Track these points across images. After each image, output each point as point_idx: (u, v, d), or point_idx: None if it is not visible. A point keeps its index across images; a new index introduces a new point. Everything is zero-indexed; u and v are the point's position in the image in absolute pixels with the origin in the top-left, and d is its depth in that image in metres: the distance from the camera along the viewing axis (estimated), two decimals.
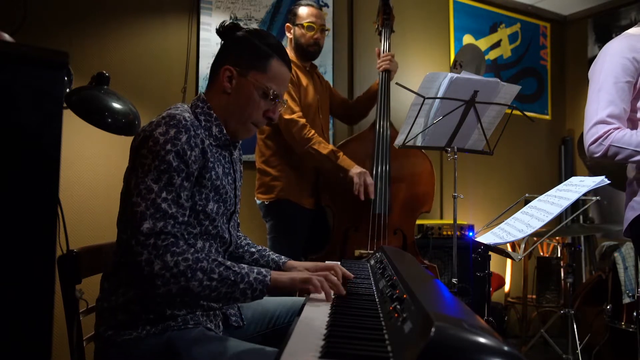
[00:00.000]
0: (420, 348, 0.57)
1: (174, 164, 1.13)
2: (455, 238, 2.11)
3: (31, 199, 0.74)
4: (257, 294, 1.14)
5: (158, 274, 1.06)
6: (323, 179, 2.47)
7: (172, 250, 1.08)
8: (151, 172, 1.12)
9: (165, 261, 1.07)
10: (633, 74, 1.65)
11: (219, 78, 1.28)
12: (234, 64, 1.27)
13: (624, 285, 2.59)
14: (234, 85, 1.27)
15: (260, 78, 1.27)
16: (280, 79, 1.30)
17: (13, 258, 0.73)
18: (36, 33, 2.39)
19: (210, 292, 1.10)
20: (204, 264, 1.10)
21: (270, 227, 2.43)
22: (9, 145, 0.73)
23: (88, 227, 2.46)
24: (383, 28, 2.63)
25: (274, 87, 1.29)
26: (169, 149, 1.13)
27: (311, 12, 2.45)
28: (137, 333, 1.16)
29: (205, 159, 1.20)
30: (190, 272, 1.08)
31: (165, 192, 1.12)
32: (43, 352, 0.74)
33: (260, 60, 1.28)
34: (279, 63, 1.30)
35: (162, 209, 1.10)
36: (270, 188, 2.39)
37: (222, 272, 1.11)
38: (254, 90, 1.27)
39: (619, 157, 1.63)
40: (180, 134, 1.14)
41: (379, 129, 2.48)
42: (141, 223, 1.08)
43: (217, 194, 1.25)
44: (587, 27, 4.17)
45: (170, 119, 1.16)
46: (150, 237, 1.07)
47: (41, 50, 0.75)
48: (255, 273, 1.15)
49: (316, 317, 0.94)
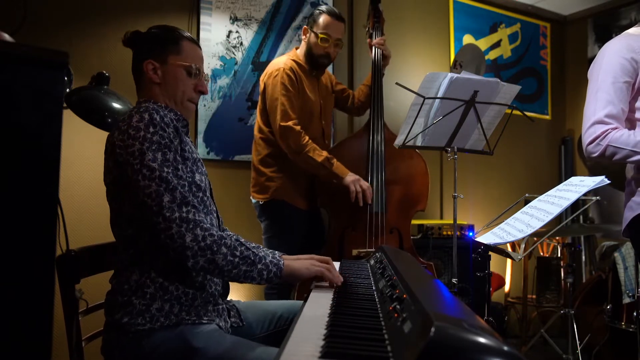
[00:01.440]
0: (420, 348, 0.57)
1: (162, 141, 1.21)
2: (455, 238, 2.11)
3: (31, 199, 0.74)
4: (271, 276, 1.23)
5: (189, 246, 1.15)
6: (319, 179, 2.47)
7: (201, 225, 1.17)
8: (145, 154, 1.18)
9: (196, 234, 1.16)
10: (631, 74, 1.65)
11: (145, 75, 1.37)
12: (152, 57, 1.36)
13: (624, 285, 2.59)
14: (160, 74, 1.37)
15: (179, 59, 1.37)
16: (195, 56, 1.41)
17: (13, 258, 0.73)
18: (36, 33, 2.39)
19: (232, 268, 1.19)
20: (227, 241, 1.20)
21: (265, 227, 2.44)
22: (9, 145, 0.73)
23: (88, 227, 2.46)
24: (374, 31, 2.64)
25: (192, 64, 1.39)
26: (152, 130, 1.21)
27: (329, 23, 2.38)
28: (151, 325, 1.19)
29: (179, 134, 1.29)
30: (216, 247, 1.17)
31: (165, 167, 1.19)
32: (43, 352, 0.74)
33: (172, 45, 1.38)
34: (189, 43, 1.40)
35: (171, 181, 1.18)
36: (265, 188, 2.39)
37: (244, 251, 1.21)
38: (178, 71, 1.37)
39: (617, 157, 1.63)
40: (153, 115, 1.23)
41: (372, 134, 2.49)
42: (161, 200, 1.16)
43: (198, 167, 1.34)
44: (587, 27, 4.17)
45: (138, 108, 1.27)
46: (174, 210, 1.16)
47: (41, 50, 0.76)
48: (271, 257, 1.26)
49: (316, 317, 0.94)
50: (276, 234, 2.40)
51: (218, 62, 2.87)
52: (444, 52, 3.75)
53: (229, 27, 2.91)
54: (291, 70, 2.35)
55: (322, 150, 2.33)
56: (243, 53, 2.94)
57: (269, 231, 2.42)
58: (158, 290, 1.22)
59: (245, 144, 2.86)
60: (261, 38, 2.99)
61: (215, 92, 2.86)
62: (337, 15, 2.42)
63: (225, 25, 2.90)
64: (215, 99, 2.86)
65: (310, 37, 2.43)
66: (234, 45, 2.92)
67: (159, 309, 1.20)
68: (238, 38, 2.93)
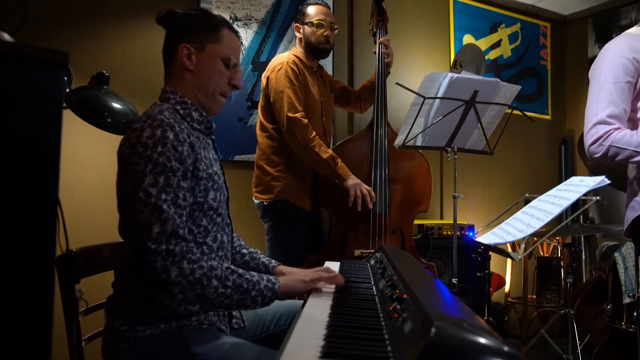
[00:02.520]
0: (420, 348, 0.57)
1: (168, 164, 1.13)
2: (455, 238, 2.11)
3: (31, 199, 0.74)
4: (266, 301, 1.18)
5: (175, 281, 1.06)
6: (322, 179, 2.46)
7: (189, 258, 1.08)
8: (147, 177, 1.11)
9: (182, 268, 1.07)
10: (633, 74, 1.64)
11: (178, 59, 1.29)
12: (189, 41, 1.28)
13: (624, 285, 2.59)
14: (195, 61, 1.29)
15: (217, 48, 1.29)
16: (234, 46, 1.33)
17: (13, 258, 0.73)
18: (36, 33, 2.39)
19: (224, 299, 1.12)
20: (218, 272, 1.12)
21: (269, 227, 2.42)
22: (9, 145, 0.73)
23: (88, 227, 2.46)
24: (377, 30, 2.64)
25: (231, 55, 1.31)
26: (160, 150, 1.13)
27: (320, 10, 2.44)
28: (151, 331, 1.17)
29: (195, 151, 1.21)
30: (206, 280, 1.09)
31: (164, 193, 1.11)
32: (43, 352, 0.74)
33: (212, 32, 1.30)
34: (229, 32, 1.33)
35: (165, 210, 1.09)
36: (270, 188, 2.37)
37: (236, 279, 1.14)
38: (215, 61, 1.29)
39: (619, 157, 1.62)
40: (166, 132, 1.15)
41: (376, 129, 2.49)
42: (149, 230, 1.07)
43: (214, 182, 1.27)
44: (587, 27, 4.17)
45: (153, 121, 1.16)
46: (161, 243, 1.07)
47: (41, 50, 0.75)
48: (265, 281, 1.18)
49: (316, 317, 0.94)
50: (280, 234, 2.38)
51: None
52: (444, 52, 3.75)
53: None
54: (294, 64, 2.36)
55: (328, 148, 2.34)
56: (243, 53, 2.94)
57: (273, 232, 2.41)
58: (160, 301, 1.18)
59: (245, 144, 2.85)
60: (261, 38, 2.99)
61: None
62: (323, 3, 2.48)
63: None
64: None
65: (304, 30, 2.44)
66: None
67: (160, 317, 1.18)
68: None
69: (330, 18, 2.46)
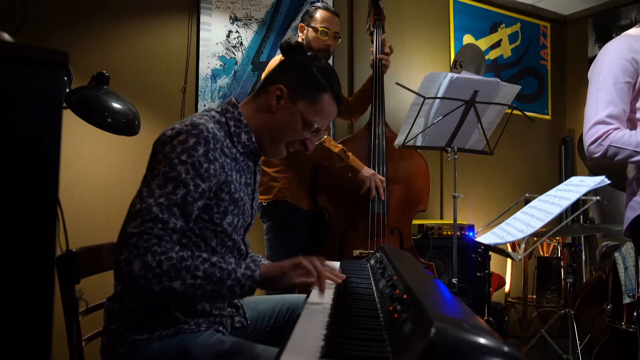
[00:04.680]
0: (420, 348, 0.57)
1: (182, 175, 1.09)
2: (455, 238, 2.11)
3: (31, 199, 0.74)
4: (246, 290, 1.08)
5: (138, 274, 1.00)
6: (320, 179, 2.46)
7: (154, 250, 1.01)
8: (158, 177, 1.09)
9: (146, 261, 1.00)
10: (632, 74, 1.65)
11: (268, 94, 1.27)
12: (287, 85, 1.25)
13: (624, 285, 2.59)
14: (280, 106, 1.26)
15: (308, 108, 1.26)
16: (327, 114, 1.30)
17: (13, 258, 0.73)
18: (36, 33, 2.39)
19: (195, 291, 1.04)
20: (188, 262, 1.04)
21: (268, 227, 2.43)
22: (9, 145, 0.73)
23: (88, 227, 2.46)
24: (375, 29, 2.63)
25: (317, 120, 1.28)
26: (183, 159, 1.09)
27: (327, 17, 2.42)
28: (148, 335, 1.17)
29: (224, 172, 1.17)
30: (174, 272, 1.02)
31: (164, 198, 1.07)
32: (43, 352, 0.74)
33: (313, 91, 1.26)
34: (330, 99, 1.29)
35: (153, 213, 1.05)
36: (269, 188, 2.38)
37: (207, 268, 1.05)
38: (298, 118, 1.26)
39: (619, 157, 1.63)
40: (198, 146, 1.11)
41: (374, 130, 2.49)
42: (129, 223, 1.04)
43: (236, 207, 1.23)
44: (587, 27, 4.17)
45: (193, 128, 1.13)
46: (132, 236, 1.02)
47: (41, 50, 0.75)
48: (244, 268, 1.09)
49: (316, 317, 0.94)
50: (279, 234, 2.39)
51: (218, 62, 2.87)
52: (444, 52, 3.75)
53: (229, 27, 2.91)
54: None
55: (337, 143, 2.36)
56: (243, 53, 2.94)
57: (272, 232, 2.42)
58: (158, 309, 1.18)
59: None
60: (261, 38, 2.99)
61: (215, 92, 2.86)
62: (333, 10, 2.46)
63: (225, 25, 2.90)
64: (215, 98, 2.86)
65: (308, 33, 2.43)
66: (234, 45, 2.92)
67: (158, 322, 1.18)
68: (238, 38, 2.93)
69: (336, 27, 2.44)
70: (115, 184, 2.53)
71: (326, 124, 1.32)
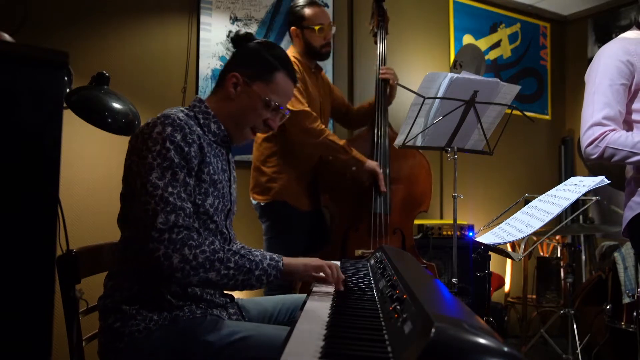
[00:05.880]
0: (420, 348, 0.57)
1: (175, 160, 1.17)
2: (455, 238, 2.10)
3: (31, 198, 0.74)
4: (271, 279, 1.21)
5: (177, 267, 1.11)
6: (322, 179, 2.46)
7: (189, 244, 1.13)
8: (154, 171, 1.15)
9: (184, 254, 1.11)
10: (628, 76, 1.67)
11: (225, 83, 1.34)
12: (241, 72, 1.32)
13: (623, 285, 2.59)
14: (238, 92, 1.33)
15: (264, 89, 1.33)
16: (283, 91, 1.36)
17: (13, 258, 0.73)
18: (36, 33, 2.39)
19: (229, 281, 1.16)
20: (220, 255, 1.16)
21: (266, 228, 2.43)
22: (9, 145, 0.73)
23: (88, 227, 2.46)
24: (378, 30, 2.63)
25: (275, 99, 1.34)
26: (168, 146, 1.17)
27: (318, 12, 2.42)
28: (145, 324, 1.18)
29: (202, 154, 1.24)
30: (209, 264, 1.13)
31: (171, 187, 1.15)
32: (43, 352, 0.74)
33: (266, 71, 1.33)
34: (284, 77, 1.35)
35: (171, 202, 1.14)
36: (266, 189, 2.38)
37: (238, 260, 1.17)
38: (256, 99, 1.33)
39: (615, 158, 1.64)
40: (175, 132, 1.19)
41: (377, 129, 2.49)
42: (154, 219, 1.12)
43: (216, 189, 1.29)
44: (587, 27, 4.17)
45: (165, 119, 1.21)
46: (164, 232, 1.11)
47: (41, 50, 0.75)
48: (269, 259, 1.22)
49: (316, 317, 0.94)
50: (277, 235, 2.39)
51: (218, 62, 2.87)
52: (444, 52, 3.75)
53: (229, 27, 2.91)
54: (294, 65, 2.36)
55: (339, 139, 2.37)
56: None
57: (270, 232, 2.41)
58: (150, 297, 1.20)
59: (245, 144, 2.84)
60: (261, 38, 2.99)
61: None
62: (317, 2, 2.47)
63: (225, 25, 2.90)
64: None
65: (304, 34, 2.43)
66: None
67: (151, 310, 1.19)
68: None
69: (328, 19, 2.47)
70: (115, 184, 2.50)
71: (285, 102, 1.38)
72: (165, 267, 1.11)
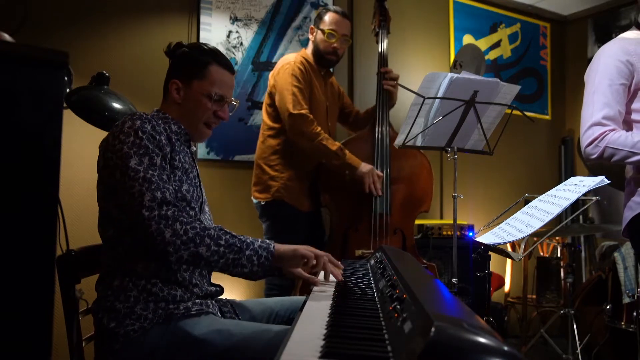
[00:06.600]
0: (420, 348, 0.57)
1: (150, 146, 1.23)
2: (455, 238, 2.10)
3: (31, 198, 0.74)
4: (262, 261, 1.22)
5: (169, 241, 1.15)
6: (323, 179, 2.46)
7: (181, 220, 1.17)
8: (132, 158, 1.20)
9: (175, 229, 1.16)
10: (627, 76, 1.67)
11: (169, 92, 1.41)
12: (178, 77, 1.40)
13: (623, 285, 2.59)
14: (182, 96, 1.40)
15: (202, 84, 1.39)
16: (221, 81, 1.41)
17: (13, 258, 0.73)
18: (36, 33, 2.39)
19: (219, 258, 1.19)
20: (210, 232, 1.19)
21: (267, 227, 2.43)
22: (9, 145, 0.73)
23: (88, 227, 2.45)
24: (380, 29, 2.63)
25: (216, 90, 1.40)
26: (140, 135, 1.23)
27: (336, 19, 2.42)
28: (140, 323, 1.18)
29: (171, 143, 1.31)
30: (199, 239, 1.17)
31: (151, 170, 1.21)
32: (43, 352, 0.74)
33: (199, 69, 1.40)
34: (217, 68, 1.41)
35: (154, 182, 1.19)
36: (267, 187, 2.38)
37: (229, 239, 1.21)
38: (199, 97, 1.39)
39: (615, 158, 1.64)
40: (145, 124, 1.26)
41: (378, 129, 2.49)
42: (142, 199, 1.16)
43: (189, 178, 1.34)
44: (587, 27, 4.17)
45: (133, 115, 1.28)
46: (154, 209, 1.16)
47: (41, 50, 0.76)
48: (260, 242, 1.25)
49: (316, 316, 0.94)
50: (277, 234, 2.39)
51: None
52: (444, 52, 3.75)
53: (229, 27, 2.91)
54: (302, 65, 2.38)
55: (335, 141, 2.36)
56: (243, 53, 2.94)
57: (270, 232, 2.42)
58: (141, 292, 1.21)
59: (246, 144, 2.85)
60: (261, 38, 2.99)
61: None
62: (343, 13, 2.46)
63: (225, 25, 2.90)
64: None
65: (317, 35, 2.44)
66: (234, 45, 2.92)
67: (144, 308, 1.20)
68: (238, 38, 2.93)
69: (344, 30, 2.45)
70: None
71: (227, 91, 1.43)
72: (159, 242, 1.15)
